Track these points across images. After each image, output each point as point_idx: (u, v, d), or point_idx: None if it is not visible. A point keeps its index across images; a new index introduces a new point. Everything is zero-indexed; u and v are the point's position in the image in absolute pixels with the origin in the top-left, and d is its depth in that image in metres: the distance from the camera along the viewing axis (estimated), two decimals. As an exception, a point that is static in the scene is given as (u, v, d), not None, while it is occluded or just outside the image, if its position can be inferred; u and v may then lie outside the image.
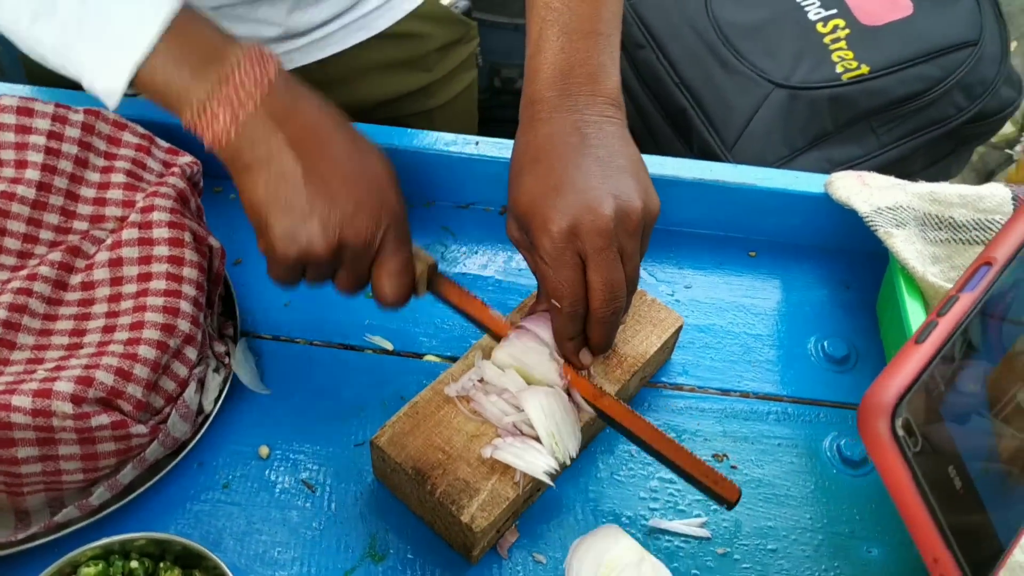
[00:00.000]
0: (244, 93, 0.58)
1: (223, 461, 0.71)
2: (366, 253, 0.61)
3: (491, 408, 0.67)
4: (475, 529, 0.62)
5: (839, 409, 0.78)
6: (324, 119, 0.61)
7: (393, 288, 0.63)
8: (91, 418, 0.61)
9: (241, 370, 0.73)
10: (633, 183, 0.64)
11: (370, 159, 0.63)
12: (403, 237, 0.63)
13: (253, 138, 0.58)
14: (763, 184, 0.85)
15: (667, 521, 0.70)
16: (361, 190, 0.60)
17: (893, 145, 1.29)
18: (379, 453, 0.66)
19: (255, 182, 0.59)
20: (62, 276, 0.68)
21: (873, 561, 0.69)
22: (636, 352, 0.73)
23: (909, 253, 0.72)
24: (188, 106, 0.58)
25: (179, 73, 0.58)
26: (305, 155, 0.59)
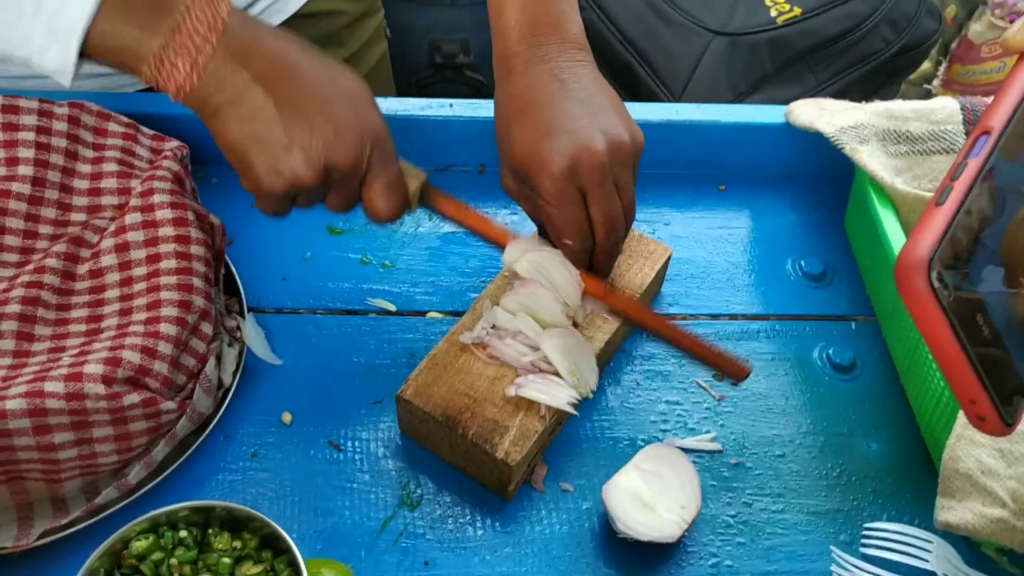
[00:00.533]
0: (199, 38, 0.57)
1: (248, 431, 0.72)
2: (354, 174, 0.62)
3: (508, 351, 0.70)
4: (511, 463, 0.65)
5: (823, 321, 0.82)
6: (287, 48, 0.61)
7: (386, 204, 0.64)
8: (123, 397, 0.63)
9: (253, 343, 0.75)
10: (617, 119, 0.67)
11: (342, 79, 0.62)
12: (389, 152, 0.64)
13: (217, 81, 0.58)
14: (728, 119, 0.89)
15: (680, 439, 0.74)
16: (338, 111, 0.60)
17: (830, 82, 1.35)
18: (406, 406, 0.68)
19: (227, 124, 0.59)
20: (69, 266, 0.69)
21: (873, 454, 0.74)
22: (633, 284, 0.76)
23: (876, 165, 0.77)
24: (144, 62, 0.57)
25: (129, 31, 0.56)
26: (274, 87, 0.58)
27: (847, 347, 0.80)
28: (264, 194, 0.61)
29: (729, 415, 0.76)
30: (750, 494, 0.71)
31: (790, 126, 0.88)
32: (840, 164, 0.88)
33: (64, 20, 0.56)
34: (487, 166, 0.92)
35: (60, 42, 0.57)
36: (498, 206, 0.90)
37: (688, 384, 0.77)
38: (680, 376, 0.78)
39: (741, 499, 0.71)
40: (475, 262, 0.85)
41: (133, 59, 0.57)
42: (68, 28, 0.56)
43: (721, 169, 0.93)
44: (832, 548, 0.68)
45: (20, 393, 0.60)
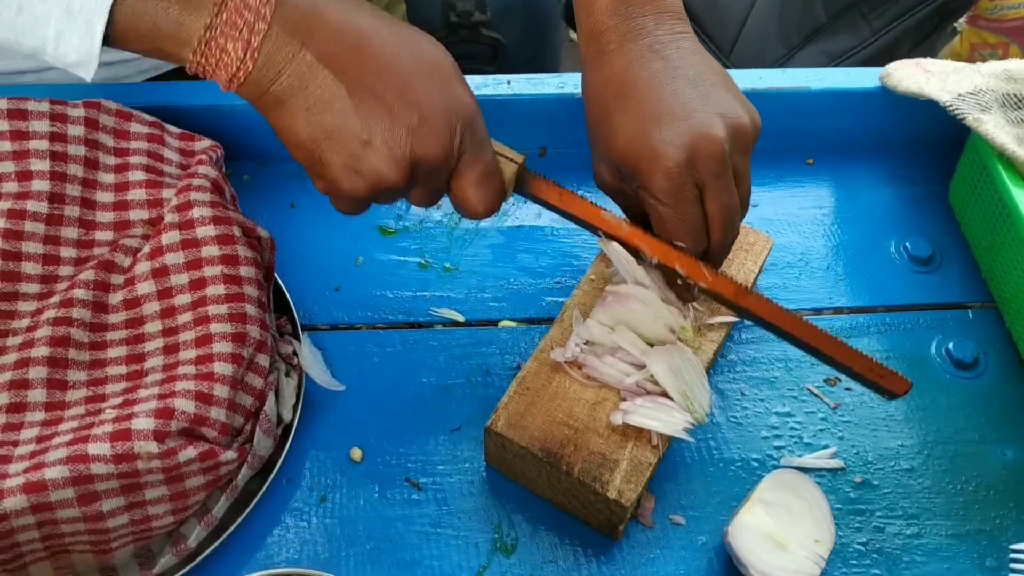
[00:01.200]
0: (251, 13, 0.47)
1: (314, 472, 0.64)
2: (445, 165, 0.53)
3: (608, 370, 0.61)
4: (624, 503, 0.57)
5: (938, 311, 0.74)
6: (354, 15, 0.51)
7: (482, 198, 0.55)
8: (178, 453, 0.54)
9: (312, 369, 0.66)
10: (732, 99, 0.59)
11: (423, 51, 0.52)
12: (482, 136, 0.54)
13: (277, 65, 0.48)
14: (818, 86, 0.80)
15: (797, 458, 0.66)
16: (423, 92, 0.50)
17: (885, 30, 1.26)
18: (497, 440, 0.60)
19: (294, 117, 0.50)
20: (100, 297, 0.60)
21: (1010, 463, 0.66)
22: (738, 279, 0.67)
23: (1005, 138, 0.68)
24: (187, 47, 0.48)
25: (165, 9, 0.47)
26: (344, 68, 0.49)
27: (967, 340, 0.72)
28: (344, 196, 0.52)
29: (847, 425, 0.68)
30: (880, 517, 0.64)
31: (884, 90, 0.79)
32: (938, 130, 0.79)
33: (86, 2, 0.46)
34: (547, 148, 0.83)
35: (81, 26, 0.47)
36: (564, 193, 0.80)
37: (799, 391, 0.69)
38: (788, 382, 0.69)
39: (871, 523, 0.63)
40: (546, 260, 0.76)
41: (173, 44, 0.48)
42: (91, 8, 0.46)
43: (807, 141, 0.83)
44: (983, 578, 0.61)
45: (60, 459, 0.51)
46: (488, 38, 1.55)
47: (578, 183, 0.80)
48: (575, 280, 0.74)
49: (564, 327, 0.65)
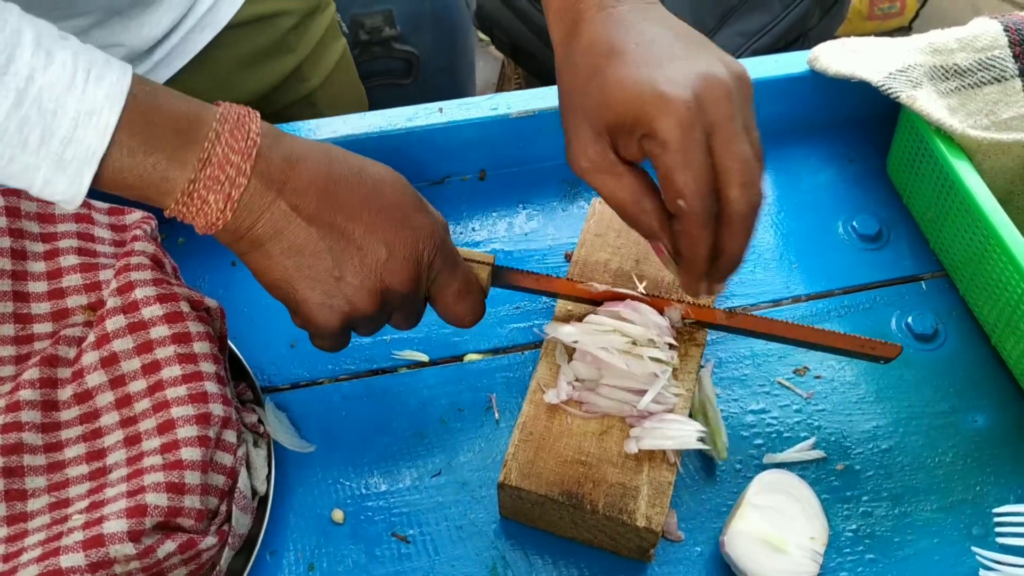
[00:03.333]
0: (232, 168, 0.50)
1: (297, 542, 0.62)
2: (417, 291, 0.56)
3: (607, 402, 0.60)
4: (655, 528, 0.56)
5: (893, 287, 0.75)
6: (323, 164, 0.53)
7: (466, 310, 0.58)
8: (156, 550, 0.52)
9: (280, 434, 0.64)
10: (723, 53, 0.55)
11: (386, 188, 0.55)
12: (451, 254, 0.57)
13: (254, 214, 0.51)
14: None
15: (779, 454, 0.66)
16: (388, 228, 0.54)
17: (795, 3, 1.27)
18: (512, 493, 0.58)
19: (269, 260, 0.53)
20: (48, 394, 0.57)
21: (981, 429, 0.67)
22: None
23: (940, 112, 0.69)
24: (170, 197, 0.50)
25: (152, 163, 0.49)
26: (315, 215, 0.52)
27: (925, 312, 0.73)
28: (321, 331, 0.55)
29: (822, 414, 0.68)
30: (867, 501, 0.64)
31: (813, 73, 0.80)
32: (869, 106, 0.80)
33: (76, 150, 0.47)
34: (487, 170, 0.81)
35: (70, 175, 0.48)
36: (505, 211, 0.79)
37: (771, 386, 0.69)
38: (759, 378, 0.70)
39: (859, 509, 0.64)
40: (502, 286, 0.74)
41: (156, 193, 0.50)
42: (81, 159, 0.47)
43: (743, 131, 0.83)
44: (974, 550, 0.62)
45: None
46: (401, 52, 1.53)
47: (523, 201, 0.80)
48: (534, 303, 0.73)
49: (550, 362, 0.63)
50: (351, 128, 0.76)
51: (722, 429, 0.64)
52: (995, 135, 0.68)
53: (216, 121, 0.50)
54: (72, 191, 0.48)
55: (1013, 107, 0.73)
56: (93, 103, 0.47)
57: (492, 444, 0.66)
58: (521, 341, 0.71)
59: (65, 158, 0.47)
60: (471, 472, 0.65)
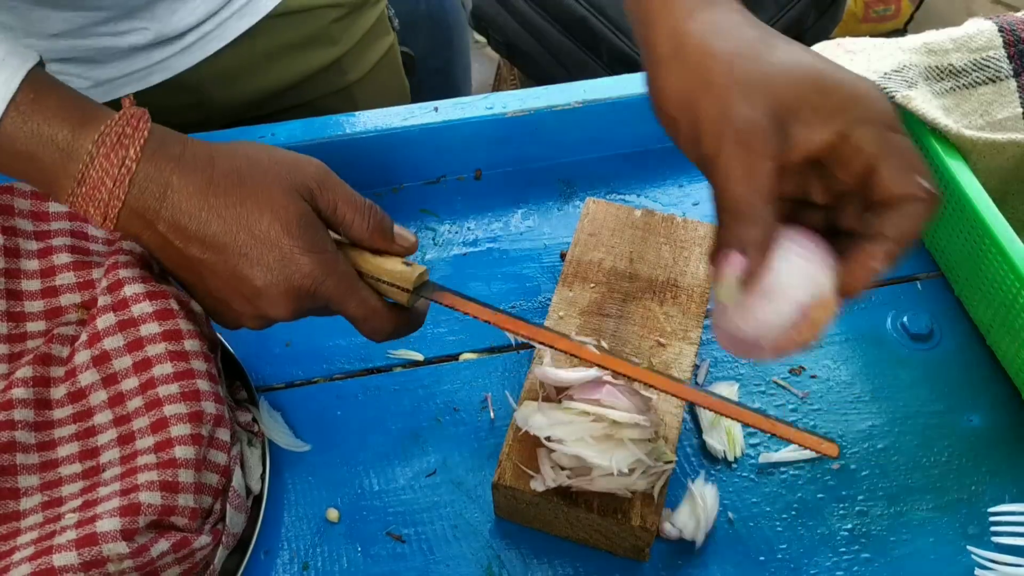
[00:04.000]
0: (107, 192, 0.52)
1: (291, 541, 0.61)
2: (302, 315, 0.57)
3: (602, 483, 0.56)
4: (650, 527, 0.56)
5: (888, 286, 0.75)
6: (198, 191, 0.53)
7: (370, 332, 0.57)
8: (150, 549, 0.51)
9: (274, 433, 0.64)
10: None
11: (262, 216, 0.53)
12: (340, 286, 0.55)
13: (134, 232, 0.54)
14: (743, 76, 0.79)
15: (775, 453, 0.66)
16: (260, 262, 0.53)
17: (790, 5, 1.27)
18: (507, 493, 0.58)
19: (166, 263, 0.57)
20: (41, 393, 0.56)
21: (977, 428, 0.67)
22: (698, 280, 0.67)
23: (936, 112, 0.69)
24: (61, 200, 0.53)
25: (35, 177, 0.53)
26: (185, 248, 0.53)
27: (920, 312, 0.73)
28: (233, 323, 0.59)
29: (818, 413, 0.68)
30: (863, 501, 0.64)
31: (808, 73, 0.79)
32: (865, 106, 0.80)
33: None
34: (483, 170, 0.81)
35: None
36: (501, 210, 0.79)
37: (766, 385, 0.69)
38: (755, 378, 0.69)
39: (855, 508, 0.64)
40: (498, 285, 0.74)
41: (51, 194, 0.56)
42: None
43: (738, 131, 0.83)
44: (970, 549, 0.62)
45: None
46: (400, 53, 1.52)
47: (519, 201, 0.80)
48: (530, 302, 0.73)
49: (532, 384, 0.62)
50: (347, 127, 0.76)
51: (738, 433, 0.64)
52: (990, 135, 0.68)
53: (94, 144, 0.51)
54: None
55: (1008, 107, 0.73)
56: None
57: (487, 443, 0.66)
58: (516, 340, 0.71)
59: None
60: (466, 471, 0.64)
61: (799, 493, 0.64)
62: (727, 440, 0.65)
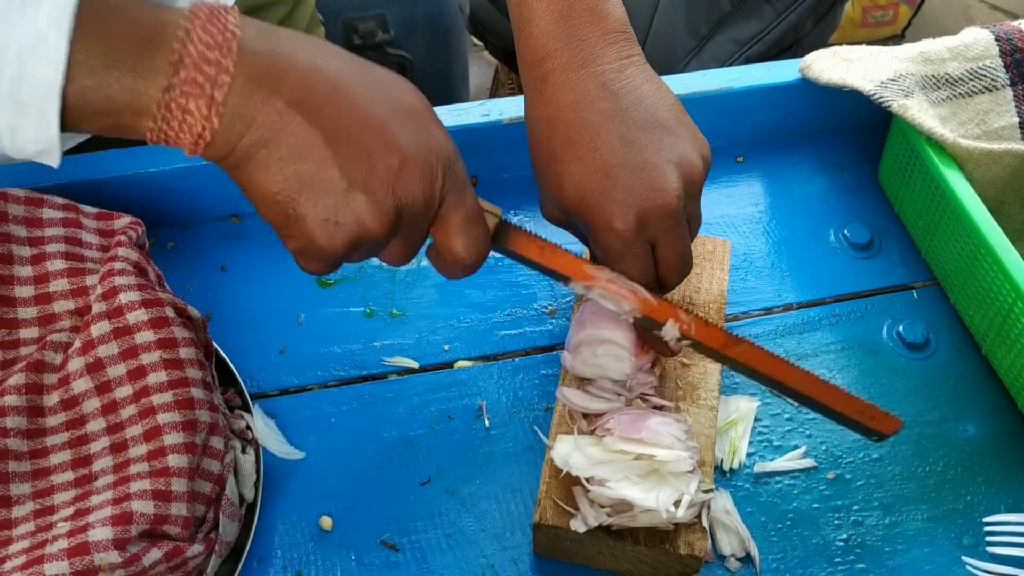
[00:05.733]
0: (212, 67, 0.43)
1: (285, 549, 0.61)
2: (428, 210, 0.49)
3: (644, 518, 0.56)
4: (699, 554, 0.55)
5: (884, 295, 0.75)
6: (323, 58, 0.47)
7: (470, 243, 0.51)
8: (142, 558, 0.51)
9: (268, 441, 0.63)
10: (685, 139, 0.56)
11: (396, 92, 0.49)
12: (462, 177, 0.51)
13: (245, 118, 0.44)
14: (739, 85, 0.80)
15: (770, 462, 0.66)
16: (402, 135, 0.47)
17: (788, 11, 1.27)
18: (550, 532, 0.57)
19: (265, 171, 0.45)
20: (34, 400, 0.56)
21: (972, 438, 0.67)
22: (712, 295, 0.67)
23: (932, 122, 0.69)
24: (147, 115, 0.43)
25: (118, 79, 0.42)
26: (318, 114, 0.45)
27: (916, 320, 0.73)
28: (319, 252, 0.47)
29: (813, 422, 0.68)
30: (858, 511, 0.64)
31: (804, 81, 0.80)
32: (861, 114, 0.80)
33: (32, 88, 0.41)
34: (479, 176, 0.81)
35: (33, 116, 0.42)
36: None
37: (762, 394, 0.69)
38: (751, 386, 0.69)
39: (850, 518, 0.63)
40: (494, 292, 0.74)
41: (132, 115, 0.43)
42: (40, 95, 0.42)
43: (735, 139, 0.84)
44: (965, 559, 0.62)
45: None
46: (395, 57, 1.53)
47: (515, 208, 0.80)
48: (526, 310, 0.73)
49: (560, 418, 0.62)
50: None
51: (742, 444, 0.65)
52: (986, 145, 0.68)
53: (185, 19, 0.43)
54: (44, 136, 0.42)
55: (1004, 116, 0.73)
56: (37, 28, 0.41)
57: (481, 452, 0.66)
58: (512, 348, 0.71)
59: (22, 99, 0.41)
60: (461, 480, 0.64)
61: (794, 503, 0.64)
62: (729, 450, 0.65)
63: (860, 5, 2.32)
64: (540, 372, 0.69)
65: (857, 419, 0.56)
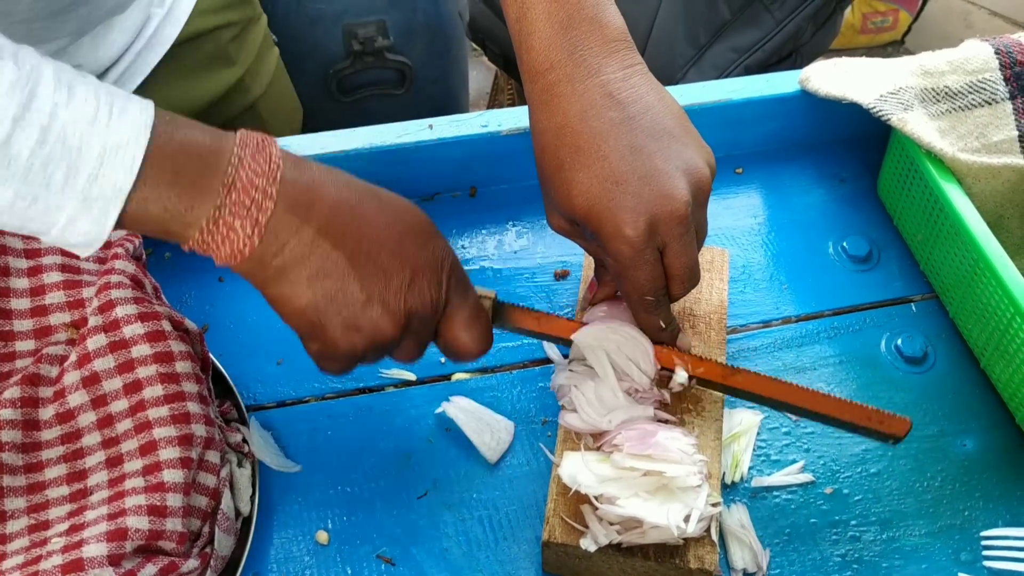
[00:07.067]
0: (259, 192, 0.48)
1: (281, 563, 0.61)
2: (435, 313, 0.55)
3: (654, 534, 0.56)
4: (709, 568, 0.55)
5: (882, 308, 0.75)
6: (343, 189, 0.52)
7: (475, 337, 0.56)
8: (137, 574, 0.51)
9: (264, 454, 0.63)
10: (691, 146, 0.56)
11: (405, 213, 0.54)
12: (464, 280, 0.57)
13: (280, 239, 0.49)
14: (738, 96, 0.80)
15: (767, 477, 0.65)
16: (411, 252, 0.53)
17: (788, 19, 1.27)
18: (559, 550, 0.57)
19: (295, 286, 0.51)
20: (30, 414, 0.56)
21: (970, 453, 0.67)
22: (713, 306, 0.67)
23: (931, 136, 0.69)
24: (194, 227, 0.48)
25: (177, 195, 0.47)
26: (342, 239, 0.51)
27: (915, 334, 0.72)
28: (340, 355, 0.53)
29: (811, 436, 0.68)
30: (855, 526, 0.64)
31: (803, 92, 0.80)
32: (860, 126, 0.80)
33: (103, 187, 0.45)
34: (478, 187, 0.81)
35: (95, 213, 0.45)
36: (495, 228, 0.79)
37: (759, 407, 0.69)
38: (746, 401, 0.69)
39: (848, 533, 0.63)
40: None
41: (181, 226, 0.48)
42: (107, 196, 0.45)
43: (734, 150, 0.83)
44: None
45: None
46: (394, 62, 1.53)
47: (513, 219, 0.79)
48: (523, 322, 0.73)
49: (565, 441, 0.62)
50: (341, 144, 0.76)
51: (744, 459, 0.65)
52: (985, 159, 0.68)
53: (237, 146, 0.49)
54: (95, 231, 0.46)
55: (1003, 130, 0.73)
56: (119, 137, 0.45)
57: (479, 466, 0.65)
58: (509, 361, 0.71)
59: (91, 196, 0.45)
60: (457, 494, 0.64)
61: (791, 518, 0.64)
62: (731, 464, 0.65)
63: (860, 11, 2.33)
64: (538, 385, 0.69)
65: (868, 426, 0.58)
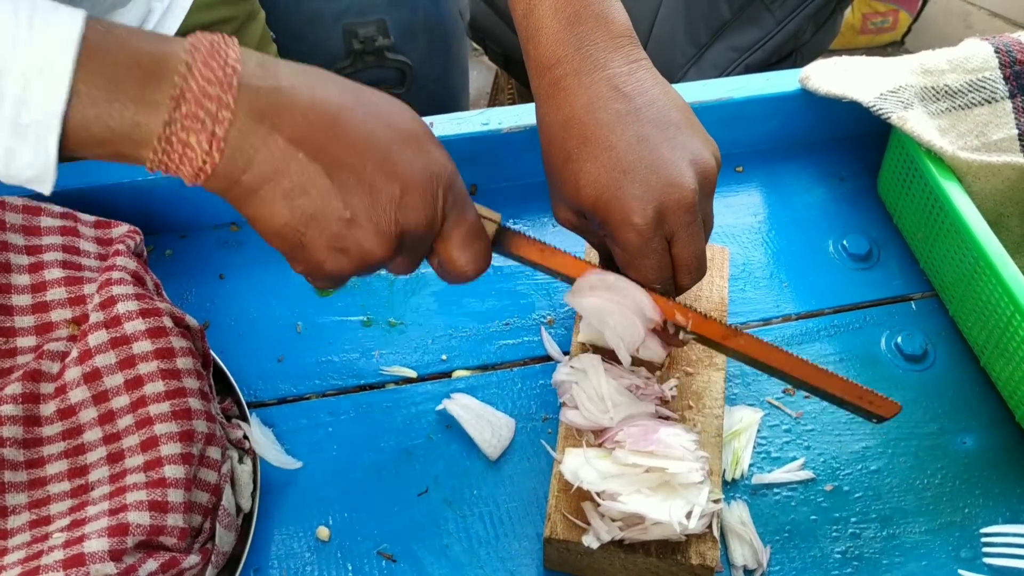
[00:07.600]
0: (212, 103, 0.43)
1: (281, 559, 0.61)
2: (431, 231, 0.50)
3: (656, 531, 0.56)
4: (711, 563, 0.55)
5: (882, 306, 0.75)
6: (321, 91, 0.47)
7: (472, 257, 0.53)
8: (138, 570, 0.51)
9: (265, 450, 0.63)
10: (697, 138, 0.57)
11: (394, 118, 0.49)
12: (463, 195, 0.52)
13: (246, 153, 0.45)
14: (739, 95, 0.80)
15: (768, 474, 0.65)
16: (402, 163, 0.48)
17: (788, 19, 1.27)
18: (560, 546, 0.57)
19: (270, 205, 0.46)
20: (31, 410, 0.56)
21: (970, 450, 0.67)
22: (713, 304, 0.67)
23: (931, 134, 0.69)
24: (147, 147, 0.44)
25: (119, 111, 0.43)
26: (320, 150, 0.46)
27: (915, 332, 0.73)
28: (327, 276, 0.49)
29: (811, 434, 0.68)
30: (855, 523, 0.64)
31: (804, 91, 0.80)
32: (860, 124, 0.80)
33: (33, 113, 0.41)
34: (478, 185, 0.81)
35: (32, 141, 0.42)
36: (500, 229, 0.79)
37: (760, 405, 0.69)
38: (749, 398, 0.69)
39: (848, 530, 0.63)
40: (492, 301, 0.74)
41: (132, 146, 0.44)
42: (41, 120, 0.42)
43: (735, 148, 0.83)
44: (962, 573, 0.61)
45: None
46: (394, 61, 1.53)
47: (514, 216, 0.80)
48: (524, 319, 0.73)
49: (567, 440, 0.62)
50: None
51: (745, 456, 0.65)
52: (985, 157, 0.68)
53: (187, 52, 0.44)
54: (40, 161, 0.42)
55: (1003, 128, 0.73)
56: (43, 55, 0.41)
57: (479, 462, 0.65)
58: (510, 358, 0.71)
59: (22, 122, 0.41)
60: (458, 490, 0.64)
61: (791, 515, 0.64)
62: (732, 461, 0.65)
63: (860, 11, 2.33)
64: (539, 382, 0.69)
65: (857, 403, 0.59)
